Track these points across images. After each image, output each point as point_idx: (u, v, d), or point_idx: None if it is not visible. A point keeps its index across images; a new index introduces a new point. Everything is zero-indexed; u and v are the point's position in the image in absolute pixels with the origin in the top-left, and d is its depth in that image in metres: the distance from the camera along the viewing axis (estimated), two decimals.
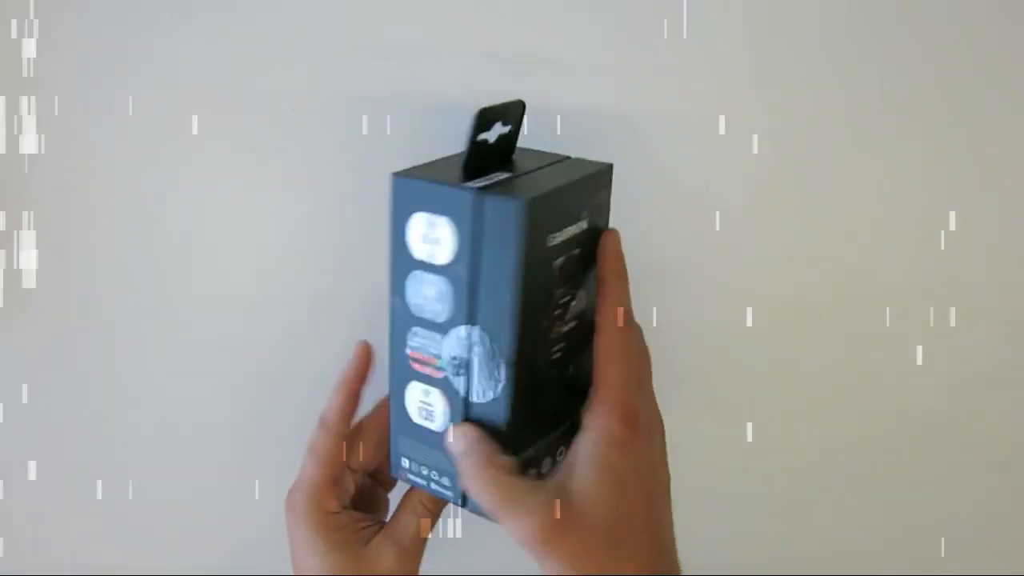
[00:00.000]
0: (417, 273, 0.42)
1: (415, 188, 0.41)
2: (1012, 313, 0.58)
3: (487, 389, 0.42)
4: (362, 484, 0.52)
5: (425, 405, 0.45)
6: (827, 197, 0.55)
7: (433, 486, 0.46)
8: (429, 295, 0.42)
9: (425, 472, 0.46)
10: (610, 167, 0.45)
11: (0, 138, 0.52)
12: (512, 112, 0.44)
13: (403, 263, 0.43)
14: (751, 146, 0.52)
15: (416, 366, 0.44)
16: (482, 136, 0.42)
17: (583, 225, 0.43)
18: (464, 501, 0.45)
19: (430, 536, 0.53)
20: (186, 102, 0.52)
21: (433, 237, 0.41)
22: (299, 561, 0.49)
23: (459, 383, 0.43)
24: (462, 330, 0.42)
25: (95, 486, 0.60)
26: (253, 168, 0.53)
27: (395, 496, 0.52)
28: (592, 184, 0.44)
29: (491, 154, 0.44)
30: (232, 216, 0.54)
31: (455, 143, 0.45)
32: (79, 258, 0.55)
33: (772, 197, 0.54)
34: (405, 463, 0.47)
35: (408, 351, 0.44)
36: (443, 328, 0.43)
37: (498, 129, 0.44)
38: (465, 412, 0.43)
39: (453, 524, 0.57)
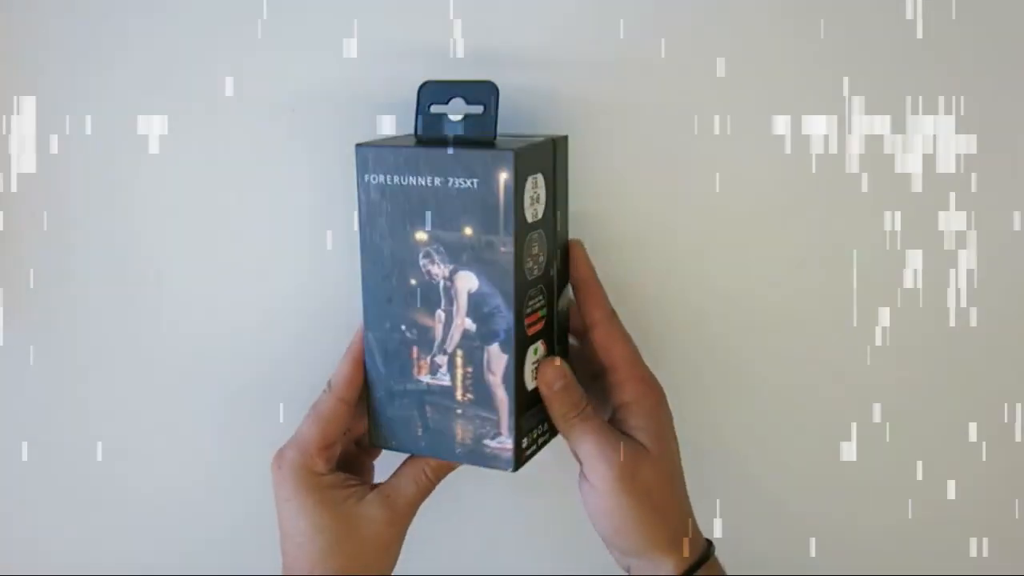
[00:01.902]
0: (532, 235, 0.45)
1: (526, 154, 0.44)
2: None
3: (564, 308, 0.49)
4: (348, 450, 0.53)
5: (535, 364, 0.47)
6: None
7: (541, 440, 0.49)
8: (535, 252, 0.46)
9: (545, 435, 0.48)
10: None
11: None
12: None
13: (521, 230, 0.44)
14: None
15: (531, 330, 0.46)
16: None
17: None
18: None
19: (430, 534, 0.53)
20: (186, 105, 0.53)
21: (535, 196, 0.45)
22: (286, 523, 0.49)
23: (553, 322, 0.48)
24: (552, 271, 0.47)
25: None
26: (253, 170, 0.53)
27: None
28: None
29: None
30: (231, 218, 0.54)
31: None
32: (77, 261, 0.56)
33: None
34: (524, 443, 0.47)
35: (525, 320, 0.46)
36: (544, 277, 0.47)
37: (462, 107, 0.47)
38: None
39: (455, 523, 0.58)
